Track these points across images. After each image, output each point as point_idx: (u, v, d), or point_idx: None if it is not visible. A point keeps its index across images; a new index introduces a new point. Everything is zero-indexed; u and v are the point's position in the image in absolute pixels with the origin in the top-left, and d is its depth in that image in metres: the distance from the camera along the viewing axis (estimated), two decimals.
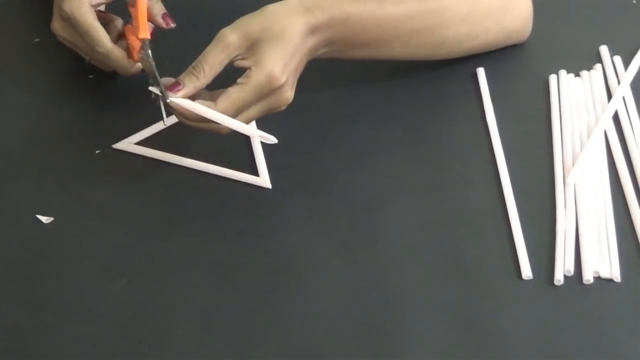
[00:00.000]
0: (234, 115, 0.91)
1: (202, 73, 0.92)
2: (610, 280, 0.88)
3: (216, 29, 1.13)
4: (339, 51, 0.98)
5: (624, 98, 1.04)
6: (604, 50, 1.09)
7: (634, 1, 1.17)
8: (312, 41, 0.95)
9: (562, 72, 1.07)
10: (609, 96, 1.05)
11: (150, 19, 0.99)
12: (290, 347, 0.84)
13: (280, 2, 0.95)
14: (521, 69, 1.08)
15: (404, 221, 0.94)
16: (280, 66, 0.91)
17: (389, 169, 0.99)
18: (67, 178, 0.98)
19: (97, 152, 0.99)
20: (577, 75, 1.07)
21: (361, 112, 1.03)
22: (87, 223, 0.94)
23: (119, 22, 1.02)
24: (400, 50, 1.02)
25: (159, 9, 1.01)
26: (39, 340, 0.85)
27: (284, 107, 0.94)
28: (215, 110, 0.91)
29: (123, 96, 1.03)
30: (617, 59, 1.08)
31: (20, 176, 0.99)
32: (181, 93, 0.91)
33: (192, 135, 0.99)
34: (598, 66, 1.08)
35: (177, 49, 1.11)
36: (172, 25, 1.01)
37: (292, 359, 0.84)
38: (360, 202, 0.96)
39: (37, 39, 1.14)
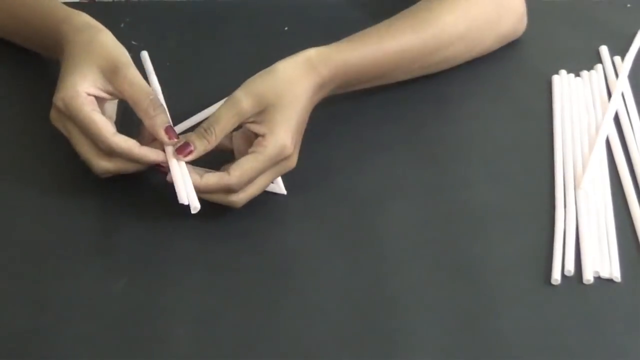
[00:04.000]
0: (248, 183, 0.91)
1: (213, 136, 0.91)
2: (610, 280, 0.88)
3: (217, 30, 1.14)
4: (341, 91, 1.00)
5: (623, 95, 1.04)
6: (603, 50, 1.10)
7: (628, 5, 1.17)
8: (317, 97, 0.96)
9: (563, 72, 1.07)
10: (610, 96, 1.05)
11: (152, 129, 0.92)
12: (290, 347, 0.84)
13: (290, 60, 0.95)
14: (521, 69, 1.08)
15: (404, 221, 0.94)
16: (290, 136, 0.91)
17: (389, 169, 0.99)
18: (67, 178, 0.98)
19: None
20: (577, 75, 1.08)
21: (361, 112, 1.03)
22: (87, 223, 0.94)
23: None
24: (402, 76, 1.04)
25: (162, 122, 0.92)
26: (39, 340, 0.85)
27: (288, 171, 0.94)
28: (229, 179, 0.89)
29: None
30: (617, 59, 1.09)
31: (19, 177, 0.99)
32: (191, 156, 0.90)
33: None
34: (598, 66, 1.08)
35: (177, 50, 1.11)
36: (175, 140, 0.92)
37: (291, 359, 0.84)
38: (360, 202, 0.96)
39: None
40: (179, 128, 0.99)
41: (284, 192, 0.95)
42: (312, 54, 0.96)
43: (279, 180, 0.95)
